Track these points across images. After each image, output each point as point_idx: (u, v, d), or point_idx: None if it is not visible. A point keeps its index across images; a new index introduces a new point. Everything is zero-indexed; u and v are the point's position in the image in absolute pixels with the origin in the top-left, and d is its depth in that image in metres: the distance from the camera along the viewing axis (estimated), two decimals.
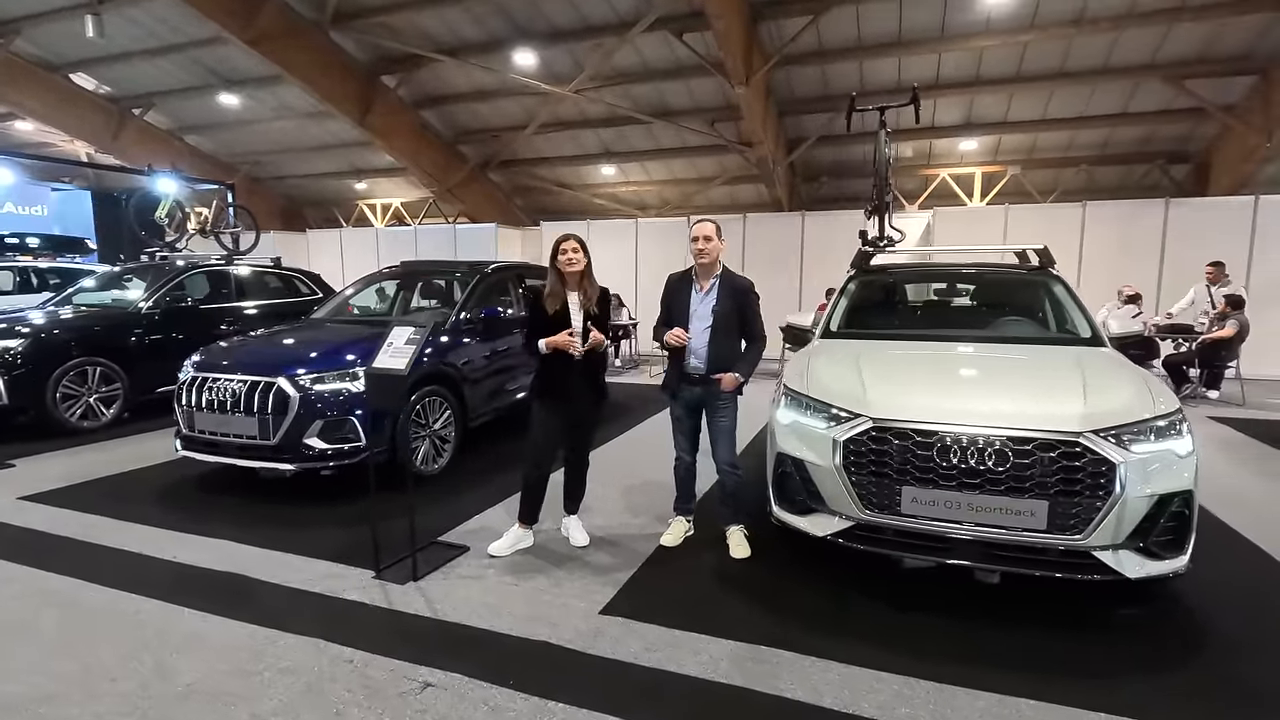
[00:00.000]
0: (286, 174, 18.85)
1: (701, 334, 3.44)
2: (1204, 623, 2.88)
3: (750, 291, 3.52)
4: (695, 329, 3.46)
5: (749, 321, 3.50)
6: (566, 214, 17.58)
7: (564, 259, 3.46)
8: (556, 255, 3.49)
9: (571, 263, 3.45)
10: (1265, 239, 9.66)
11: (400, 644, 2.71)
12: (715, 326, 3.41)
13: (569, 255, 3.46)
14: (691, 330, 3.46)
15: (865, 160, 14.38)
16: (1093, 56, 10.15)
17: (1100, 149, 12.40)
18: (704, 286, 3.52)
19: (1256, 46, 9.57)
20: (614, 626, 2.85)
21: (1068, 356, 3.46)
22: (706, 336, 3.43)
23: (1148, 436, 2.73)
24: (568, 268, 3.46)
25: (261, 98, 14.46)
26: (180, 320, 7.36)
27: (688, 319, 3.48)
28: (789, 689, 2.42)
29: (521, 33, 10.99)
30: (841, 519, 3.01)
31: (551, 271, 3.53)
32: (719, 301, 3.45)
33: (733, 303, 3.45)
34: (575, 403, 3.56)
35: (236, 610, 2.99)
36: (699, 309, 3.50)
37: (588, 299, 3.49)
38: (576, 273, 3.47)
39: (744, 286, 3.52)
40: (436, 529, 3.87)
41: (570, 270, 3.46)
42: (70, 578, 3.33)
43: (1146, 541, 2.68)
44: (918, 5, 9.34)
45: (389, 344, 3.37)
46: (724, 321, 3.42)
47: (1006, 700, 2.36)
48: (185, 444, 4.61)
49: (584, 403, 3.59)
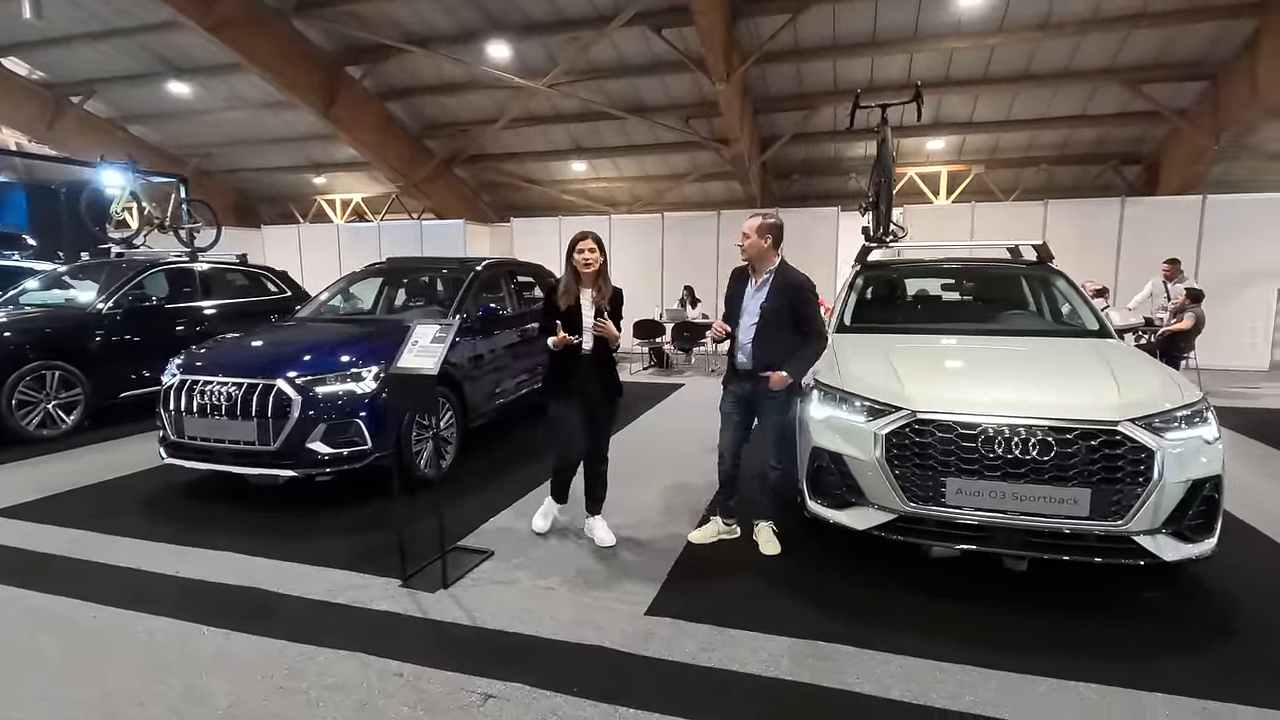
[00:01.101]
0: (239, 167, 18.07)
1: (748, 330, 3.36)
2: (1229, 604, 2.99)
3: (805, 288, 3.36)
4: (743, 324, 3.40)
5: (804, 319, 3.33)
6: (534, 210, 17.35)
7: (580, 257, 3.43)
8: (573, 253, 3.45)
9: (588, 263, 3.42)
10: (1212, 236, 10.20)
11: (448, 655, 2.59)
12: (763, 323, 3.32)
13: (585, 255, 3.42)
14: (741, 325, 3.40)
15: (837, 158, 14.65)
16: (1056, 60, 10.53)
17: (1059, 149, 12.90)
18: (757, 281, 3.43)
19: (1208, 53, 10.09)
20: (663, 627, 2.80)
21: (1086, 348, 3.55)
22: (753, 333, 3.35)
23: (1179, 424, 2.82)
24: (584, 267, 3.43)
25: (214, 87, 13.81)
26: (144, 321, 6.96)
27: (740, 314, 3.42)
28: (855, 683, 2.41)
29: (495, 24, 10.76)
30: (884, 511, 3.02)
31: (567, 269, 3.50)
32: (769, 298, 3.35)
33: (784, 299, 3.32)
34: (587, 399, 3.53)
35: (260, 626, 2.82)
36: (749, 304, 3.41)
37: (601, 296, 3.46)
38: (593, 272, 3.44)
39: (798, 283, 3.36)
40: (454, 534, 3.73)
41: (587, 270, 3.43)
42: (62, 597, 3.09)
43: (1181, 526, 2.77)
44: (893, 5, 9.52)
45: (413, 342, 3.22)
46: (772, 318, 3.31)
47: (1065, 685, 2.40)
48: (172, 451, 4.34)
49: (596, 399, 3.54)
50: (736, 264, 3.59)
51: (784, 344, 3.33)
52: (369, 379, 4.26)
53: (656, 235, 12.76)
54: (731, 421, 3.53)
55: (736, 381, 3.48)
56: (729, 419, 3.54)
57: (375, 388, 4.24)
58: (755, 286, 3.41)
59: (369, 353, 4.43)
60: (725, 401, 3.57)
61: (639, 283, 12.21)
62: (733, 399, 3.52)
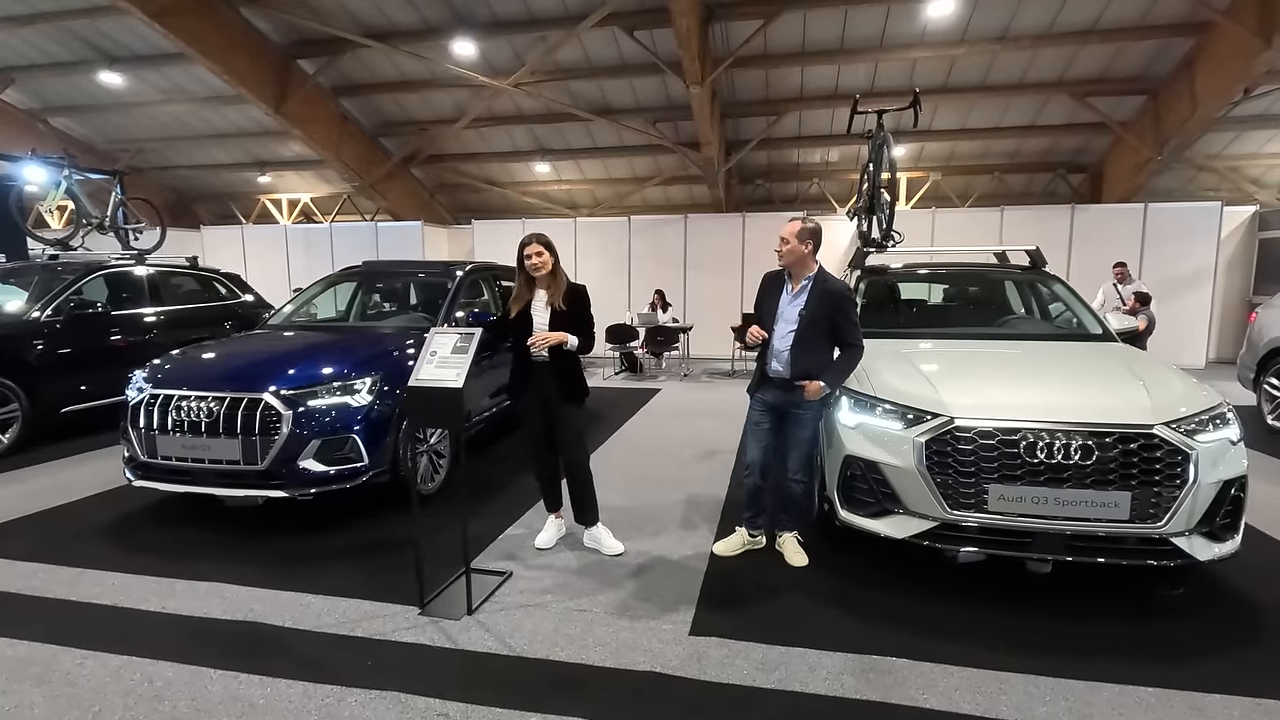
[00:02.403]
0: (174, 164, 17.00)
1: (785, 337, 3.25)
2: (1250, 600, 3.08)
3: (847, 296, 3.29)
4: (779, 331, 3.29)
5: (842, 328, 3.24)
6: (492, 212, 16.97)
7: (530, 264, 3.38)
8: (522, 258, 3.40)
9: (537, 267, 3.37)
10: (1154, 242, 10.81)
11: (495, 690, 2.41)
12: (800, 331, 3.22)
13: (534, 260, 3.37)
14: (776, 333, 3.29)
15: (799, 164, 14.85)
16: (1012, 72, 10.95)
17: (1011, 158, 13.42)
18: (795, 288, 3.32)
19: (1149, 69, 10.68)
20: (713, 648, 2.69)
21: (1102, 352, 3.63)
22: (790, 340, 3.24)
23: (1208, 426, 2.89)
24: (535, 271, 3.38)
25: (150, 78, 12.93)
26: (88, 329, 6.42)
27: (774, 320, 3.31)
28: (923, 698, 2.36)
29: (461, 20, 10.44)
30: (923, 519, 2.99)
31: (519, 273, 3.45)
32: (808, 305, 3.24)
33: (824, 308, 3.22)
34: (546, 403, 3.47)
35: (273, 666, 2.57)
36: (786, 311, 3.30)
37: (554, 296, 3.40)
38: (545, 274, 3.40)
39: (840, 291, 3.28)
40: (470, 555, 3.51)
41: (538, 274, 3.39)
42: (36, 643, 2.75)
43: (1212, 526, 2.84)
44: (862, 14, 9.69)
45: (431, 353, 3.01)
46: (810, 326, 3.22)
47: (1127, 690, 2.40)
48: (142, 473, 3.97)
49: (556, 404, 3.45)
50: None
51: (821, 352, 3.25)
52: (364, 391, 4.01)
53: (623, 238, 12.65)
54: (761, 431, 3.43)
55: (768, 390, 3.38)
56: (758, 428, 3.44)
57: (370, 400, 3.99)
58: (792, 293, 3.31)
59: (362, 363, 4.17)
60: (754, 410, 3.46)
61: (607, 286, 12.09)
62: (762, 408, 3.42)
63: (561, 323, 3.40)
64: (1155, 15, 9.46)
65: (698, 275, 12.25)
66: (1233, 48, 8.91)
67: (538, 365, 3.44)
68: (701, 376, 10.14)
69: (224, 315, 8.02)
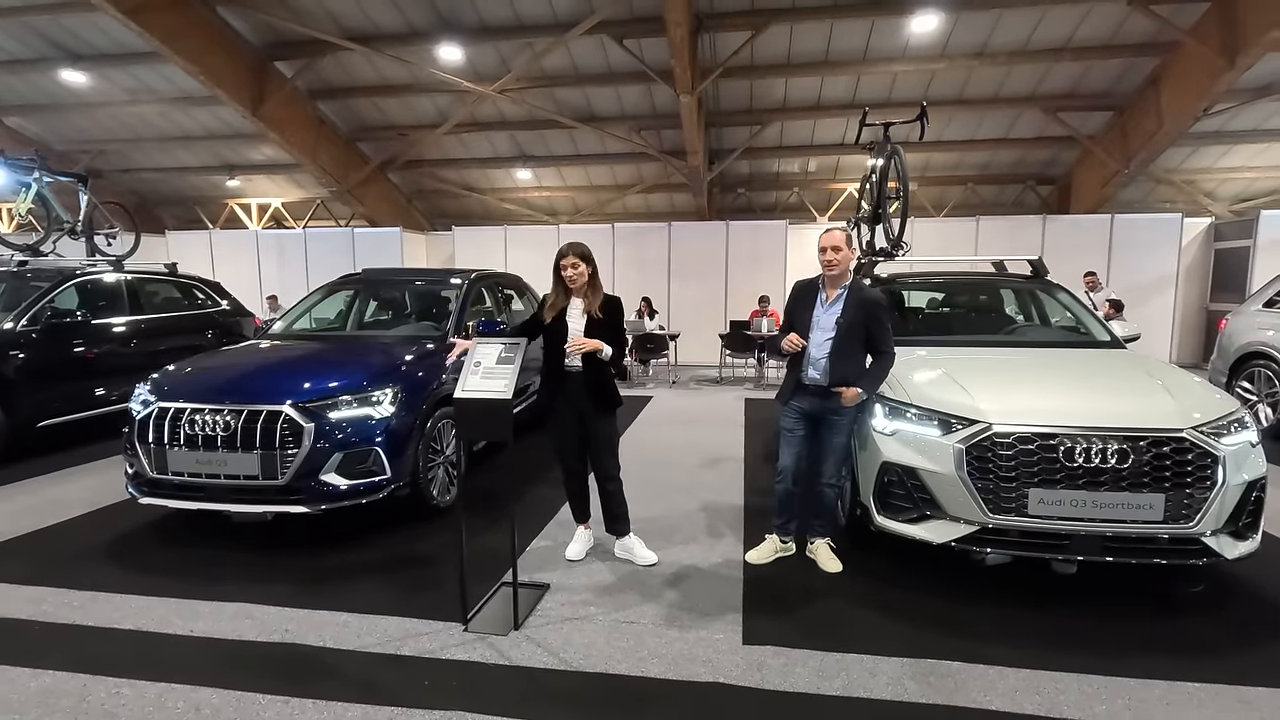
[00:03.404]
0: (138, 167, 16.41)
1: (822, 345, 3.29)
2: (1261, 594, 3.22)
3: (882, 304, 3.35)
4: (815, 339, 3.31)
5: (876, 335, 3.29)
6: (470, 219, 16.80)
7: (566, 275, 3.40)
8: (559, 270, 3.41)
9: (574, 279, 3.39)
10: (1120, 252, 11.27)
11: (561, 706, 2.37)
12: (838, 338, 3.26)
13: (569, 273, 3.39)
14: (811, 340, 3.32)
15: (779, 173, 15.07)
16: (987, 87, 11.32)
17: (983, 169, 13.87)
18: (830, 296, 3.34)
19: (1117, 86, 11.16)
20: (770, 657, 2.69)
21: (1119, 358, 3.76)
22: (828, 348, 3.27)
23: (1230, 429, 3.01)
24: (572, 283, 3.40)
25: (116, 77, 12.48)
26: (68, 339, 6.14)
27: (809, 328, 3.34)
28: (987, 700, 2.40)
29: (446, 25, 10.34)
30: (963, 524, 3.05)
31: (556, 283, 3.46)
32: (844, 313, 3.27)
33: (860, 315, 3.26)
34: (577, 413, 3.46)
35: (324, 689, 2.48)
36: (822, 319, 3.33)
37: (590, 305, 3.42)
38: (581, 285, 3.41)
39: (874, 298, 3.33)
40: (493, 570, 3.43)
41: (575, 285, 3.41)
42: (63, 672, 2.60)
43: (1237, 525, 2.96)
44: (847, 28, 9.92)
45: (475, 364, 2.97)
46: (848, 334, 3.26)
47: (1175, 686, 2.48)
48: (150, 490, 3.80)
49: (590, 414, 3.45)
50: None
51: (857, 359, 3.31)
52: (385, 402, 3.91)
53: (607, 245, 12.64)
54: (795, 438, 3.45)
55: (803, 397, 3.40)
56: (792, 435, 3.46)
57: (393, 411, 3.90)
58: (828, 301, 3.34)
59: (381, 373, 4.08)
60: (787, 418, 3.48)
61: None
62: (797, 415, 3.44)
63: (596, 331, 3.40)
64: (1124, 35, 9.91)
65: (681, 283, 12.30)
66: (1198, 67, 9.37)
67: (571, 374, 3.42)
68: (690, 384, 10.18)
69: (205, 324, 7.77)
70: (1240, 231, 10.95)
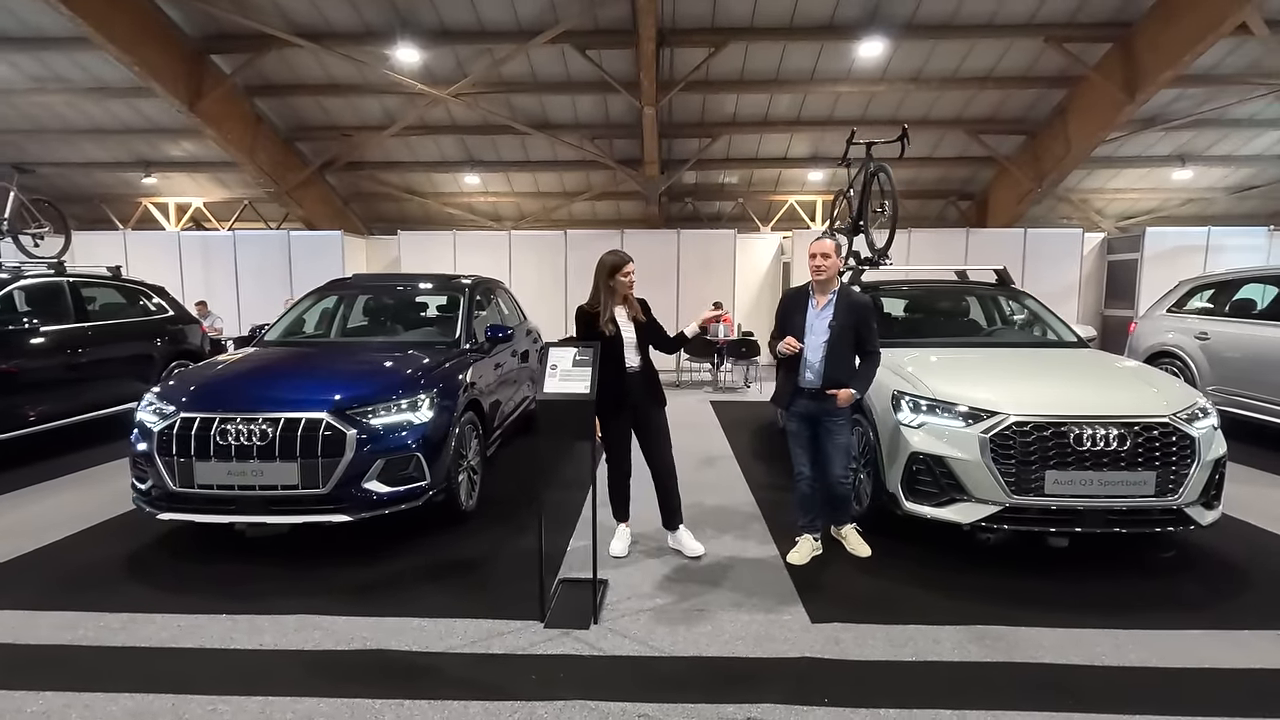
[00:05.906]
0: (34, 160, 14.93)
1: (817, 349, 3.52)
2: (1223, 555, 3.77)
3: (869, 307, 3.63)
4: (810, 344, 3.54)
5: (865, 337, 3.56)
6: (410, 223, 16.33)
7: (628, 280, 3.62)
8: (616, 276, 3.59)
9: (632, 285, 3.65)
10: (1034, 262, 12.43)
11: (673, 688, 2.51)
12: (832, 342, 3.50)
13: (632, 278, 3.63)
14: (807, 345, 3.54)
15: (723, 185, 15.59)
16: (919, 109, 12.24)
17: (909, 185, 14.86)
18: (820, 302, 3.61)
19: (1029, 114, 12.36)
20: (841, 632, 2.93)
21: (1091, 356, 4.28)
22: (823, 351, 3.51)
23: (1199, 416, 3.53)
24: (629, 289, 3.63)
25: (21, 63, 11.38)
26: (11, 349, 5.64)
27: (803, 334, 3.55)
28: (1040, 655, 2.74)
29: (405, 26, 10.12)
30: (987, 505, 3.41)
31: (605, 291, 3.62)
32: (836, 317, 3.53)
33: (851, 318, 3.53)
34: (636, 408, 3.68)
35: (432, 689, 2.52)
36: (815, 324, 3.57)
37: (636, 312, 3.68)
38: (630, 291, 3.67)
39: (863, 302, 3.60)
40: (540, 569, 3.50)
41: (630, 291, 3.65)
42: (136, 694, 2.50)
43: (1208, 497, 3.48)
44: (799, 50, 10.49)
45: (552, 367, 3.08)
46: (840, 336, 3.50)
47: (1183, 634, 2.91)
48: (171, 505, 3.62)
49: (645, 408, 3.70)
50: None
51: (848, 361, 3.56)
52: (424, 407, 3.91)
53: (559, 252, 12.69)
54: (803, 439, 3.67)
55: (800, 401, 3.61)
56: (799, 437, 3.68)
57: (432, 416, 3.90)
58: (819, 307, 3.58)
59: (419, 378, 4.07)
60: (792, 421, 3.70)
61: (545, 300, 12.05)
62: (799, 417, 3.66)
63: (644, 333, 3.66)
64: (1040, 68, 11.01)
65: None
66: (1101, 99, 10.55)
67: (629, 375, 3.58)
68: None
69: (153, 330, 7.31)
70: (1129, 246, 12.37)
